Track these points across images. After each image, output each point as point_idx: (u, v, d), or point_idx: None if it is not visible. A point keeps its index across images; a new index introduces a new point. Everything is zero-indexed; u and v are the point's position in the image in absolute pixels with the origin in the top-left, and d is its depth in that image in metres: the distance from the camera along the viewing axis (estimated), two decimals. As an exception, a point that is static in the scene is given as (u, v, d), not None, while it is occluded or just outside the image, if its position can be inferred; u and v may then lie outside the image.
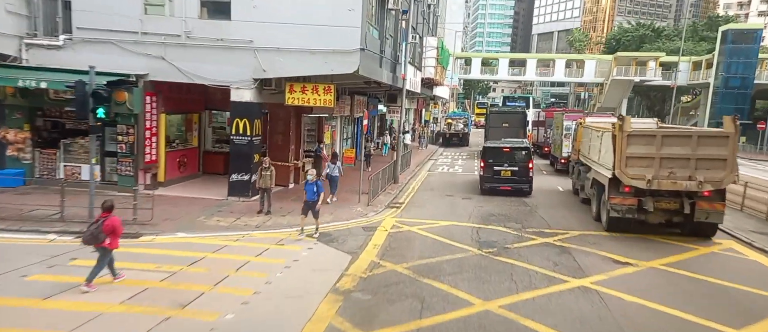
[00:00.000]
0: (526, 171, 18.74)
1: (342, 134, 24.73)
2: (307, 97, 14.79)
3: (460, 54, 68.30)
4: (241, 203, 14.46)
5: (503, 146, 19.21)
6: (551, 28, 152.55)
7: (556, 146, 26.12)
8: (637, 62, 57.10)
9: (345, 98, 22.96)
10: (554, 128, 27.10)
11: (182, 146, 16.68)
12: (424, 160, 30.87)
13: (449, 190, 20.50)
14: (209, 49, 14.18)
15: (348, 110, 23.90)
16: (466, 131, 42.28)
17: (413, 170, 25.78)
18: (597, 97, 65.81)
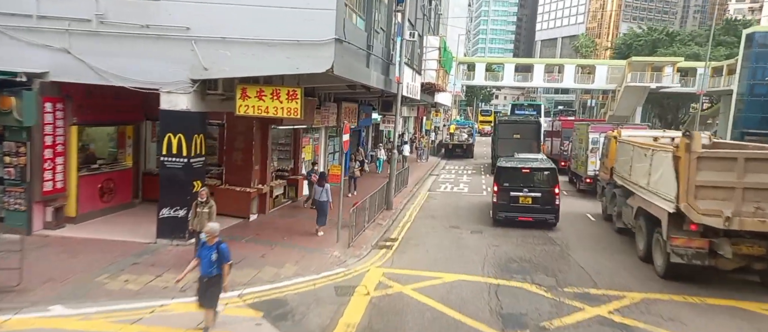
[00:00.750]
0: (552, 197, 14.95)
1: (327, 148, 20.98)
2: (266, 104, 11.03)
3: (463, 59, 64.73)
4: (174, 249, 10.69)
5: (522, 167, 15.41)
6: (555, 34, 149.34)
7: (579, 162, 22.30)
8: (653, 68, 53.38)
9: (329, 105, 19.24)
10: (576, 141, 23.29)
11: (109, 167, 12.93)
12: (425, 176, 27.08)
13: (454, 218, 16.70)
14: (131, 40, 10.47)
15: (334, 119, 20.17)
16: (471, 142, 38.53)
17: (411, 190, 22.00)
18: (608, 105, 62.02)
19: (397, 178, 20.27)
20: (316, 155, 19.87)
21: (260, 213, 14.41)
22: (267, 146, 14.36)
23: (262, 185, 14.24)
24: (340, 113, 20.66)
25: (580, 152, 22.30)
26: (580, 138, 22.46)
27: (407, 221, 16.20)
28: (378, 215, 15.86)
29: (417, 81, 24.28)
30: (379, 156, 25.39)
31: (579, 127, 22.99)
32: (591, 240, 14.30)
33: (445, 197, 21.03)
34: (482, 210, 18.26)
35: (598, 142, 19.55)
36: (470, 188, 23.92)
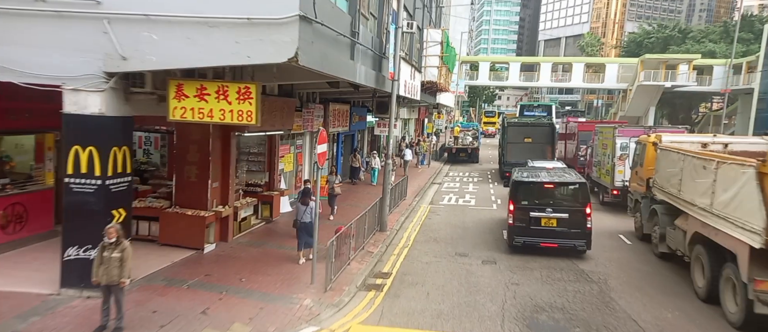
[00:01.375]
0: (582, 220, 12.11)
1: (313, 157, 18.18)
2: (209, 107, 8.21)
3: (467, 58, 61.97)
4: (82, 303, 7.88)
5: (544, 181, 12.56)
6: (558, 33, 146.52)
7: (603, 170, 19.43)
8: (667, 66, 50.46)
9: (313, 107, 16.47)
10: (598, 147, 20.42)
11: (20, 188, 10.14)
12: (426, 185, 24.25)
13: (461, 241, 13.89)
14: (21, 20, 7.70)
15: (319, 123, 17.39)
16: (476, 146, 35.69)
17: (410, 203, 19.19)
18: (619, 105, 59.10)
19: (394, 190, 17.48)
20: (299, 166, 17.08)
21: (221, 241, 11.62)
22: (229, 158, 11.57)
23: (222, 206, 11.44)
24: (327, 115, 17.88)
25: (603, 158, 19.43)
26: (603, 143, 19.60)
27: (404, 246, 13.39)
28: (369, 240, 13.06)
29: (416, 79, 21.45)
30: (374, 165, 22.47)
31: (602, 130, 20.11)
32: (634, 274, 11.45)
33: (449, 212, 18.20)
34: (493, 230, 15.43)
35: (627, 148, 16.70)
36: (477, 199, 21.08)
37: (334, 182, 15.51)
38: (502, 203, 20.24)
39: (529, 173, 13.54)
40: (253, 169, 14.35)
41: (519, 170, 14.20)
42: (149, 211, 10.83)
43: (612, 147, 18.03)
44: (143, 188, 12.46)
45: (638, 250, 13.54)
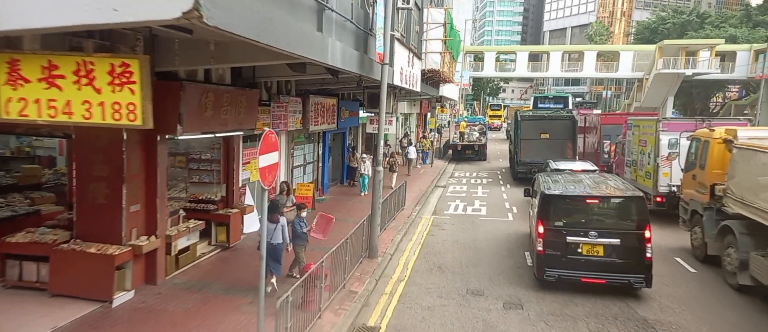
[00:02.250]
0: (639, 247, 8.91)
1: (290, 161, 15.03)
2: (65, 97, 5.07)
3: (471, 48, 58.59)
4: None
5: (586, 195, 9.34)
6: (564, 24, 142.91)
7: (641, 172, 16.17)
8: (687, 52, 46.96)
9: (286, 100, 13.31)
10: (633, 144, 17.16)
11: None
12: (429, 189, 21.07)
13: (473, 271, 10.73)
14: None
15: (297, 120, 14.24)
16: (483, 142, 32.45)
17: (410, 214, 16.04)
18: (634, 95, 55.60)
19: (389, 199, 14.33)
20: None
21: (147, 284, 8.50)
22: (156, 170, 8.43)
23: (147, 237, 8.32)
24: (306, 110, 14.71)
25: (641, 157, 16.16)
26: (640, 139, 16.33)
27: (399, 279, 10.26)
28: (353, 272, 9.95)
29: (416, 67, 18.24)
30: (363, 171, 18.92)
31: (639, 123, 16.80)
32: (719, 323, 8.27)
33: (456, 225, 15.03)
34: (512, 250, 12.27)
35: (678, 145, 13.43)
36: (489, 207, 17.89)
37: (282, 204, 10.68)
38: (520, 212, 17.05)
39: (563, 183, 10.32)
40: (204, 180, 11.22)
41: (547, 178, 10.99)
42: (36, 248, 7.71)
43: (654, 144, 14.77)
44: (51, 210, 9.37)
45: (708, 281, 10.32)
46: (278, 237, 8.77)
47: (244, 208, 11.28)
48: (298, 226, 9.13)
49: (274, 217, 8.70)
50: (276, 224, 8.72)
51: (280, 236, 8.77)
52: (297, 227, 9.12)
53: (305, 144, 16.69)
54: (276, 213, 8.75)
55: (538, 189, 11.04)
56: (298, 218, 9.24)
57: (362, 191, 18.27)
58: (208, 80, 9.51)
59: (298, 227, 9.11)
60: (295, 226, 9.25)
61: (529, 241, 12.93)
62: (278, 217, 8.78)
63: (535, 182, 12.21)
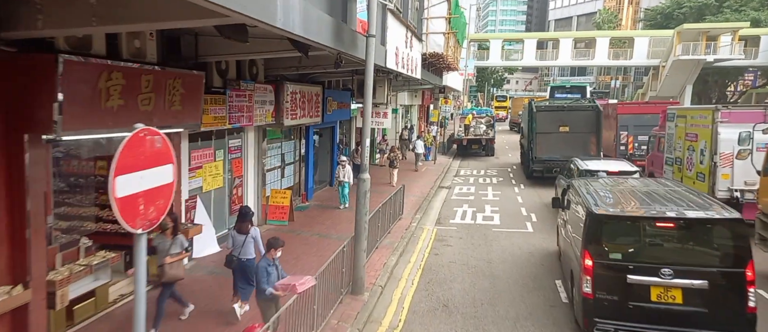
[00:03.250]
0: (738, 291, 6.16)
1: (259, 163, 12.27)
2: None
3: (476, 36, 55.67)
4: None
5: (657, 216, 6.54)
6: (570, 12, 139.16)
7: (690, 173, 13.36)
8: (708, 37, 43.85)
9: (249, 87, 10.51)
10: (677, 138, 14.33)
11: None
12: (431, 192, 18.32)
13: (490, 312, 8.03)
14: None
15: (268, 113, 11.48)
16: (491, 135, 29.64)
17: (408, 224, 13.31)
18: (649, 83, 52.48)
19: (385, 207, 11.60)
20: (235, 179, 11.19)
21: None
22: (24, 188, 5.69)
23: (10, 286, 5.60)
24: (280, 101, 11.95)
25: (691, 154, 13.32)
26: (688, 132, 13.49)
27: (391, 327, 7.56)
28: (329, 320, 7.24)
29: (415, 50, 15.43)
30: (342, 178, 14.91)
31: (687, 114, 13.86)
32: None
33: (465, 240, 12.30)
34: (539, 277, 9.53)
35: (750, 140, 10.56)
36: (503, 214, 15.13)
37: (165, 249, 6.88)
38: (540, 220, 14.32)
39: (616, 195, 7.54)
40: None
41: (588, 188, 8.20)
42: None
43: (710, 140, 11.93)
44: None
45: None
46: (249, 252, 7.30)
47: (189, 229, 8.55)
48: (265, 275, 6.20)
49: (244, 227, 7.34)
50: (245, 236, 7.30)
51: (251, 250, 7.33)
52: (263, 273, 6.23)
53: (283, 142, 13.95)
54: (247, 222, 7.39)
55: (575, 202, 8.29)
56: (265, 261, 6.32)
57: (342, 204, 14.70)
58: (114, 55, 6.76)
59: (264, 276, 6.19)
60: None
61: (559, 264, 10.20)
62: (249, 227, 7.37)
63: (568, 191, 9.45)
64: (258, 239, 7.38)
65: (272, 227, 12.23)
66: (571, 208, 8.76)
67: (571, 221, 8.49)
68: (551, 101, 24.88)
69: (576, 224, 7.78)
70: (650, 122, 20.73)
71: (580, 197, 7.87)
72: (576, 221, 7.86)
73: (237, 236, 7.34)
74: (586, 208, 7.06)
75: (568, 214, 9.18)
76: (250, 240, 7.29)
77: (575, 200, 8.36)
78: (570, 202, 9.05)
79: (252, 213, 7.75)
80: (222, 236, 10.64)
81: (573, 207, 8.54)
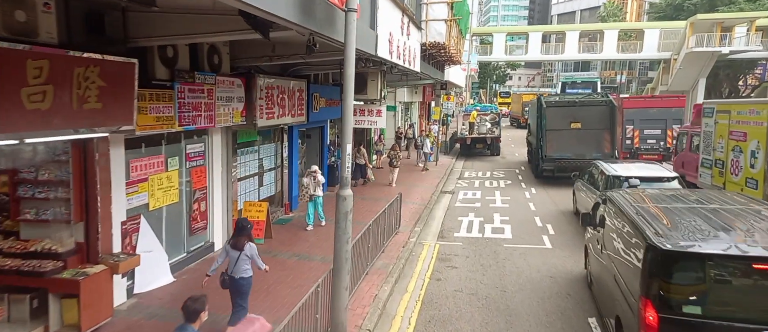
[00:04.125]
0: None
1: (229, 173, 10.34)
2: None
3: (479, 30, 53.72)
4: None
5: (753, 255, 4.63)
6: (573, 6, 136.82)
7: (737, 178, 11.41)
8: (723, 28, 41.77)
9: (207, 80, 8.58)
10: (717, 137, 12.38)
11: None
12: (432, 197, 16.40)
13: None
14: None
15: (236, 111, 9.59)
16: (496, 134, 27.69)
17: (406, 240, 11.41)
18: (658, 77, 50.41)
19: (377, 223, 9.73)
20: (195, 193, 9.30)
21: None
22: None
23: None
24: (251, 97, 10.05)
25: (738, 156, 11.38)
26: (733, 129, 11.54)
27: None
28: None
29: (413, 39, 13.54)
30: (313, 191, 11.85)
31: (732, 109, 11.57)
32: None
33: (472, 260, 10.39)
34: (567, 314, 7.65)
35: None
36: (514, 223, 13.23)
37: None
38: (559, 233, 12.42)
39: (683, 220, 5.62)
40: (43, 217, 6.56)
41: (636, 206, 6.30)
42: None
43: (766, 139, 9.98)
44: None
45: None
46: (244, 270, 6.46)
47: (119, 262, 6.66)
48: None
49: (240, 242, 6.50)
50: (240, 252, 6.44)
51: (247, 268, 6.49)
52: None
53: (260, 145, 12.05)
54: (244, 236, 6.56)
55: (619, 223, 6.39)
56: None
57: (309, 224, 11.75)
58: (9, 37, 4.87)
59: None
60: None
61: (589, 294, 8.30)
62: (245, 242, 6.50)
63: (603, 206, 7.55)
64: (255, 255, 6.49)
65: (245, 246, 10.34)
66: (610, 227, 6.87)
67: (611, 246, 6.60)
68: (562, 96, 23.45)
69: (621, 254, 5.90)
70: (656, 116, 21.49)
71: (626, 219, 5.97)
72: (620, 248, 5.98)
73: (231, 252, 6.46)
74: (644, 239, 5.15)
75: (604, 234, 7.30)
76: (244, 258, 6.40)
77: (618, 221, 6.47)
78: (607, 220, 7.16)
79: (250, 226, 6.79)
80: (180, 262, 8.78)
81: (614, 228, 6.64)
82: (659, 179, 11.25)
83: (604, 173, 12.11)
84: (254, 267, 6.55)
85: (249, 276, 6.49)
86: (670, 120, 21.53)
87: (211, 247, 9.81)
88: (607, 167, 12.23)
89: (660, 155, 21.51)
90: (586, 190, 12.94)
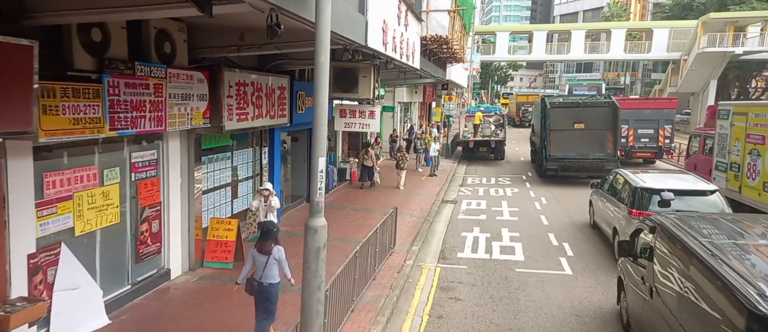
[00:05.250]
0: None
1: (190, 184, 8.68)
2: None
3: (481, 28, 52.11)
4: None
5: None
6: (575, 7, 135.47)
7: (754, 182, 10.25)
8: (736, 27, 40.12)
9: (161, 73, 6.91)
10: (732, 140, 11.24)
11: None
12: (433, 208, 14.75)
13: None
14: None
15: (197, 113, 7.92)
16: (501, 137, 26.03)
17: (401, 264, 9.76)
18: (667, 79, 48.74)
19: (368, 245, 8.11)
20: (148, 210, 7.63)
21: None
22: None
23: None
24: (217, 95, 8.38)
25: (755, 160, 9.90)
26: (750, 132, 10.06)
27: None
28: None
29: (412, 30, 11.91)
30: (264, 218, 8.74)
31: (750, 111, 10.22)
32: None
33: (479, 289, 8.74)
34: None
35: None
36: (526, 241, 11.57)
37: None
38: (578, 253, 10.78)
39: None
40: None
41: (709, 242, 4.67)
42: None
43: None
44: None
45: None
46: (273, 275, 6.01)
47: (10, 315, 5.00)
48: None
49: (267, 246, 5.99)
50: (268, 256, 5.96)
51: (275, 273, 6.02)
52: None
53: (234, 151, 10.40)
54: (270, 240, 6.02)
55: (680, 268, 4.76)
56: None
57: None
58: None
59: None
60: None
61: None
62: (272, 246, 6.00)
63: (655, 236, 5.91)
64: (283, 260, 6.07)
65: (210, 272, 8.70)
66: (667, 264, 5.26)
67: (669, 289, 5.00)
68: (566, 97, 24.73)
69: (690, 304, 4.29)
70: (649, 117, 23.29)
71: (696, 261, 4.37)
72: (688, 296, 4.37)
73: (258, 257, 6.05)
74: (742, 302, 3.50)
75: (654, 270, 5.68)
76: (272, 262, 6.02)
77: (680, 260, 4.86)
78: (659, 252, 5.54)
79: (277, 230, 6.22)
80: (121, 297, 7.12)
81: (676, 267, 5.01)
82: (697, 193, 9.64)
83: (629, 184, 10.46)
84: (282, 274, 6.09)
85: (278, 281, 6.10)
86: (662, 120, 23.21)
87: (167, 274, 8.16)
88: (634, 177, 10.56)
89: (652, 153, 23.56)
90: (608, 202, 11.43)
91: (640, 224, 6.99)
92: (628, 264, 7.07)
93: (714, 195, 9.61)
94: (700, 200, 9.44)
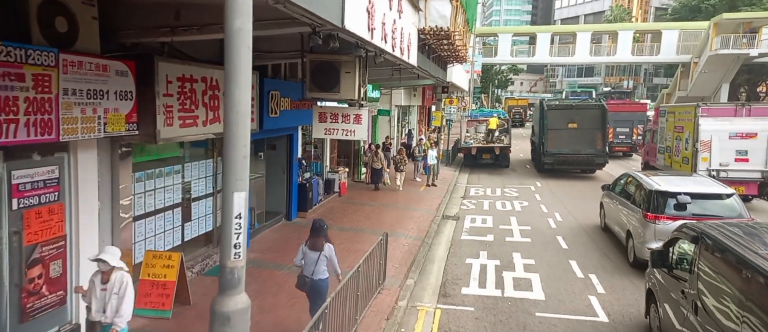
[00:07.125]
0: None
1: (112, 209, 6.66)
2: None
3: (483, 29, 50.23)
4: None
5: None
6: (576, 11, 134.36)
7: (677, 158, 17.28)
8: (750, 28, 38.21)
9: (49, 61, 4.89)
10: (667, 131, 19.30)
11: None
12: (431, 228, 12.70)
13: None
14: None
15: (117, 117, 5.89)
16: (507, 143, 24.05)
17: (392, 306, 7.72)
18: (676, 82, 46.73)
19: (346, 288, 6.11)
20: (38, 245, 5.58)
21: None
22: None
23: None
24: (150, 91, 6.35)
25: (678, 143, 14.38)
26: (676, 125, 12.17)
27: None
28: None
29: (408, 19, 9.89)
30: (91, 304, 5.13)
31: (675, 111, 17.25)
32: None
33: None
34: None
35: None
36: (545, 272, 9.52)
37: None
38: (610, 289, 8.75)
39: None
40: None
41: None
42: None
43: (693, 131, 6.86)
44: None
45: None
46: (322, 271, 6.23)
47: None
48: None
49: (318, 242, 6.22)
50: (319, 252, 6.19)
51: (325, 269, 6.25)
52: None
53: (186, 163, 8.37)
54: (321, 237, 6.23)
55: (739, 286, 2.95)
56: None
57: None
58: None
59: None
60: None
61: None
62: (323, 242, 6.23)
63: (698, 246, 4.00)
64: (333, 257, 6.24)
65: (140, 323, 6.66)
66: (719, 280, 3.55)
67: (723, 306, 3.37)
68: (561, 100, 28.18)
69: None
70: (626, 118, 28.99)
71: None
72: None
73: (309, 254, 6.20)
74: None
75: (698, 286, 4.07)
76: (323, 259, 6.15)
77: (737, 276, 3.13)
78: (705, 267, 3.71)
79: (327, 226, 6.29)
80: None
81: (734, 285, 3.11)
82: (714, 197, 9.41)
83: (643, 187, 9.99)
84: (332, 271, 6.28)
85: (327, 276, 6.31)
86: (635, 121, 28.94)
87: (76, 330, 6.12)
88: (648, 180, 10.39)
89: (628, 147, 29.22)
90: (621, 205, 11.11)
91: (676, 233, 5.40)
92: (660, 274, 5.62)
93: (731, 198, 9.20)
94: (717, 203, 9.23)
